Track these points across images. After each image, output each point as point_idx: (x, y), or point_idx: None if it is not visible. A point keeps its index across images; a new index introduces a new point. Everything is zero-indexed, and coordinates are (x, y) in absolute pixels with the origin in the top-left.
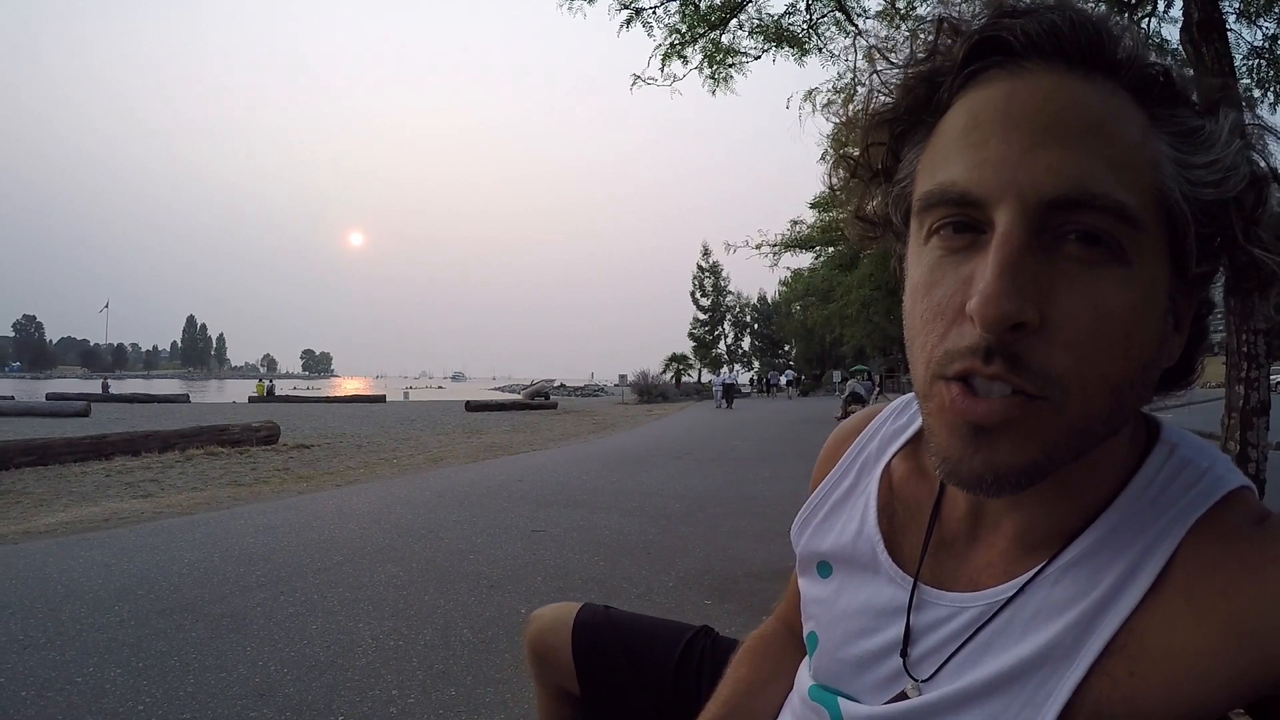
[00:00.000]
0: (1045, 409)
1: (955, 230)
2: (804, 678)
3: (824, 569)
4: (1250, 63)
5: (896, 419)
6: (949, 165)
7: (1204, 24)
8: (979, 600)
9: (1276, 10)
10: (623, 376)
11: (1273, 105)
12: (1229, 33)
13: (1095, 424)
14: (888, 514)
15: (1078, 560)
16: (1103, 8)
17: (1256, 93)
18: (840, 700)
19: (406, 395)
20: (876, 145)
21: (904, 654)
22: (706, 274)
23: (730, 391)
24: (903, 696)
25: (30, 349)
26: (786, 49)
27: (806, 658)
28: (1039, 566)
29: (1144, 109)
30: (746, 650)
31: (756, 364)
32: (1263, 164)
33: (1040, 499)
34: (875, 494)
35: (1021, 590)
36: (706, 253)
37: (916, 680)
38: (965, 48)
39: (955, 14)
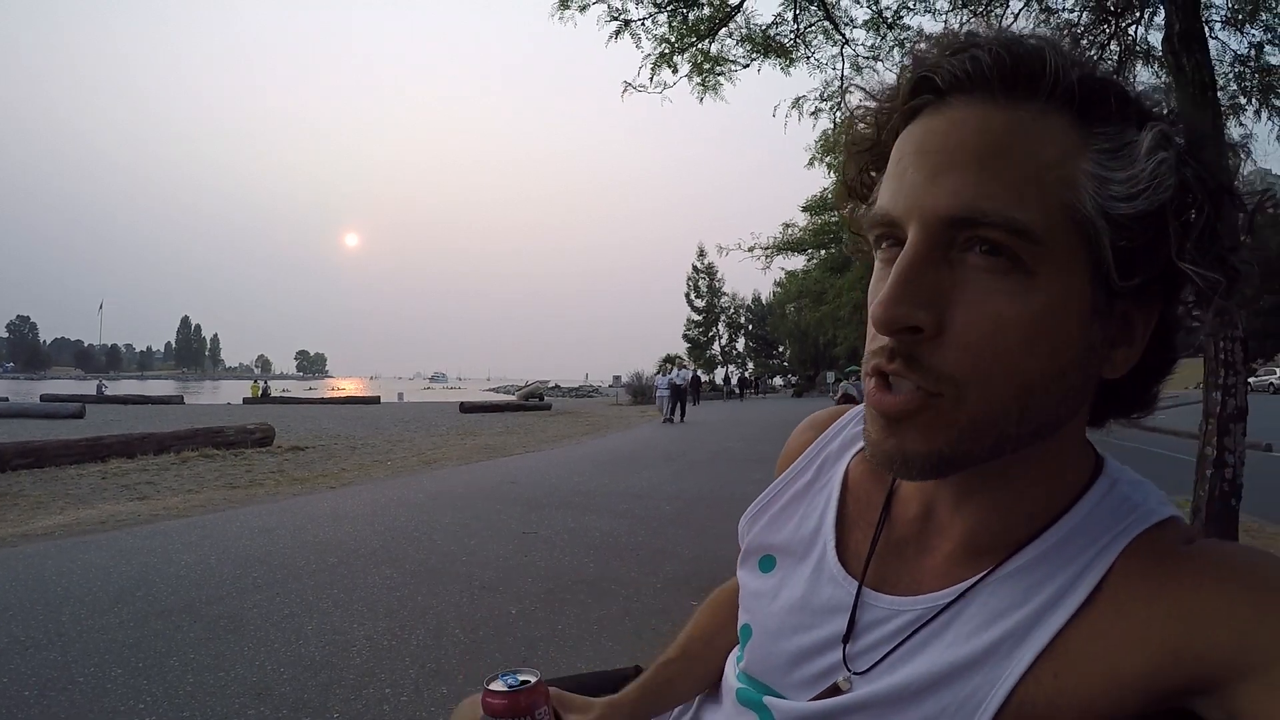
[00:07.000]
0: (943, 404)
1: (890, 245)
2: (731, 677)
3: (766, 563)
4: (1234, 70)
5: (859, 422)
6: (883, 193)
7: (1185, 35)
8: (917, 604)
9: (1263, 18)
10: (617, 378)
11: (1257, 113)
12: (1215, 40)
13: (1004, 420)
14: (841, 512)
15: (1019, 571)
16: (1047, 32)
17: (1241, 100)
18: (767, 699)
19: (400, 397)
20: (854, 171)
21: (845, 640)
22: (701, 275)
23: (682, 397)
24: (833, 692)
25: (24, 350)
26: (774, 58)
27: (736, 650)
28: (981, 574)
29: (1084, 126)
30: (709, 602)
31: (751, 364)
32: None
33: (988, 504)
34: (837, 492)
35: (962, 595)
36: (702, 254)
37: (852, 673)
38: (905, 89)
39: (924, 53)
